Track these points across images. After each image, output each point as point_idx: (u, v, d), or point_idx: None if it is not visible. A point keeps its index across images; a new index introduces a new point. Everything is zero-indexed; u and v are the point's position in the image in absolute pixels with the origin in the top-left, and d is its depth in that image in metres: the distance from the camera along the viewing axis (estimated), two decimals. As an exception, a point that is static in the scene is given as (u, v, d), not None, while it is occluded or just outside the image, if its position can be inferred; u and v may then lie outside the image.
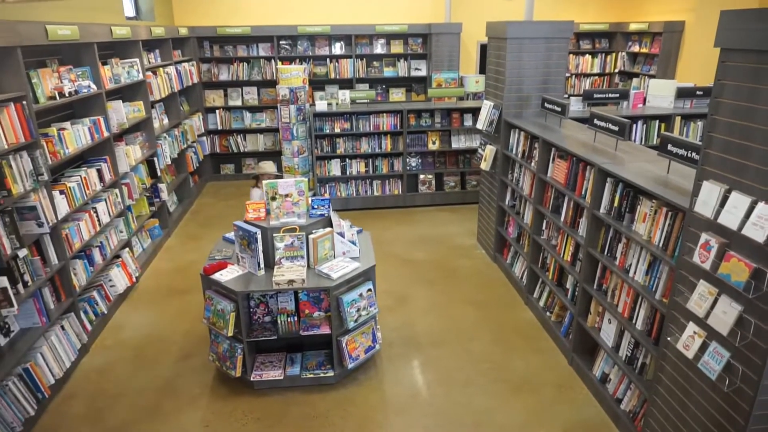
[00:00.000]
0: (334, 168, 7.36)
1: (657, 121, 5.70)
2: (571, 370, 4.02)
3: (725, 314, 2.33)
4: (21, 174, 3.54)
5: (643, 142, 5.68)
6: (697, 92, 5.89)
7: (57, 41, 4.10)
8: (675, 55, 8.53)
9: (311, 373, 3.84)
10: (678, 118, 5.72)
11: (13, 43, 3.49)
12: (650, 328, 3.14)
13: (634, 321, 3.29)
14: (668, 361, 2.82)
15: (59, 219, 3.96)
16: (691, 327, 2.56)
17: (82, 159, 4.87)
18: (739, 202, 2.22)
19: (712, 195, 2.36)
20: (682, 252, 2.66)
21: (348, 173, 7.41)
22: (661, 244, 2.99)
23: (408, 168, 7.44)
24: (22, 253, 3.52)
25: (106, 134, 4.91)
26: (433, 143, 7.39)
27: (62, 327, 3.98)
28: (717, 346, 2.40)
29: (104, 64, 5.13)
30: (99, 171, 4.77)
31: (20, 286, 3.49)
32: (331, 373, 3.83)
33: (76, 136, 4.44)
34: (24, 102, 3.59)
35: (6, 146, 3.38)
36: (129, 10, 7.37)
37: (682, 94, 5.89)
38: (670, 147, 3.25)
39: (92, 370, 4.09)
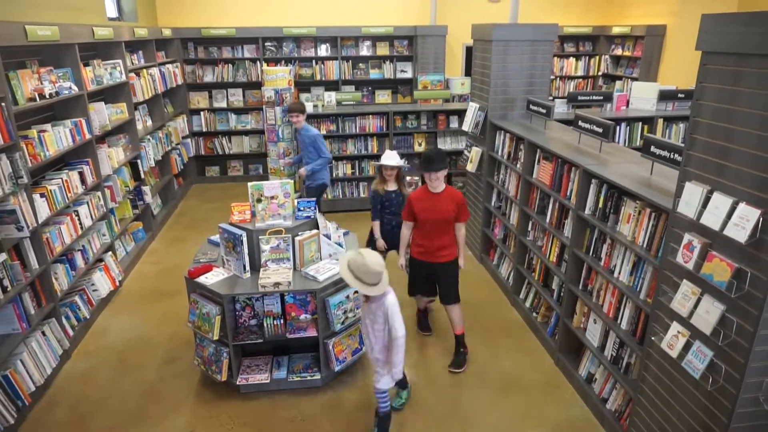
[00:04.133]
0: (321, 170, 7.32)
1: (640, 123, 5.77)
2: (557, 370, 4.04)
3: (708, 314, 2.36)
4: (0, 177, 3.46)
5: (626, 144, 5.75)
6: (679, 95, 5.99)
7: (37, 42, 4.02)
8: (657, 58, 8.65)
9: (298, 376, 3.81)
10: (660, 120, 5.80)
11: (-9, 44, 3.43)
12: (635, 328, 3.17)
13: (619, 321, 3.32)
14: (653, 360, 2.85)
15: (40, 223, 3.89)
16: (675, 326, 2.59)
17: (63, 161, 4.79)
18: (720, 202, 2.25)
19: (694, 196, 2.39)
20: (666, 252, 2.69)
21: (334, 175, 7.38)
22: (645, 245, 3.02)
23: (394, 170, 7.43)
24: (1, 257, 3.45)
25: (88, 136, 4.84)
26: (419, 145, 7.40)
27: (43, 333, 3.90)
28: (700, 346, 2.43)
29: (86, 65, 5.06)
30: (81, 173, 4.70)
31: (-1, 291, 3.42)
32: (318, 376, 3.81)
33: (57, 138, 4.37)
34: (3, 104, 3.51)
35: (-16, 148, 3.31)
36: (111, 11, 7.28)
37: (664, 96, 5.97)
38: (653, 149, 3.28)
39: (75, 376, 4.02)
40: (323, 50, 8.85)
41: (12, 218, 3.57)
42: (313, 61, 8.83)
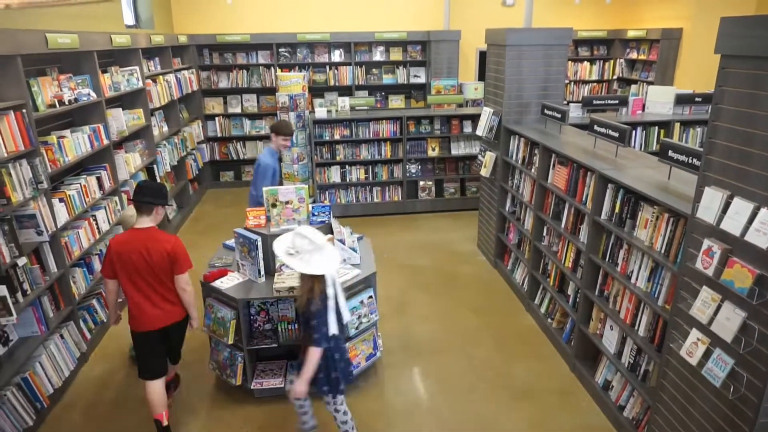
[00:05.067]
0: (334, 175, 7.35)
1: (656, 128, 5.72)
2: (573, 376, 4.00)
3: (729, 321, 2.32)
4: (20, 182, 3.52)
5: (642, 149, 5.70)
6: (696, 99, 5.91)
7: (57, 49, 4.10)
8: (673, 62, 8.56)
9: (312, 381, 3.81)
10: (677, 125, 5.73)
11: (13, 51, 3.50)
12: (653, 335, 3.13)
13: (636, 327, 3.28)
14: (671, 368, 2.81)
15: (58, 227, 3.95)
16: (695, 334, 2.55)
17: (81, 167, 4.86)
18: (741, 208, 2.22)
19: (714, 201, 2.36)
20: (685, 258, 2.65)
21: (348, 180, 7.41)
22: (663, 251, 2.98)
23: (408, 174, 7.44)
24: (22, 261, 3.51)
25: (105, 142, 4.91)
26: (433, 150, 7.39)
27: (61, 336, 3.96)
28: (721, 353, 2.39)
29: (104, 72, 5.14)
30: (99, 179, 4.76)
31: (19, 294, 3.47)
32: (332, 381, 3.80)
33: (76, 143, 4.44)
34: (24, 110, 3.59)
35: (6, 154, 3.37)
36: (129, 18, 7.39)
37: (681, 100, 5.90)
38: (670, 153, 3.25)
39: (92, 379, 4.06)
40: (337, 56, 8.89)
41: (32, 222, 3.63)
42: (327, 67, 8.87)
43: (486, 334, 4.56)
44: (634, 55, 9.29)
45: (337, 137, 7.19)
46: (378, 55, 8.97)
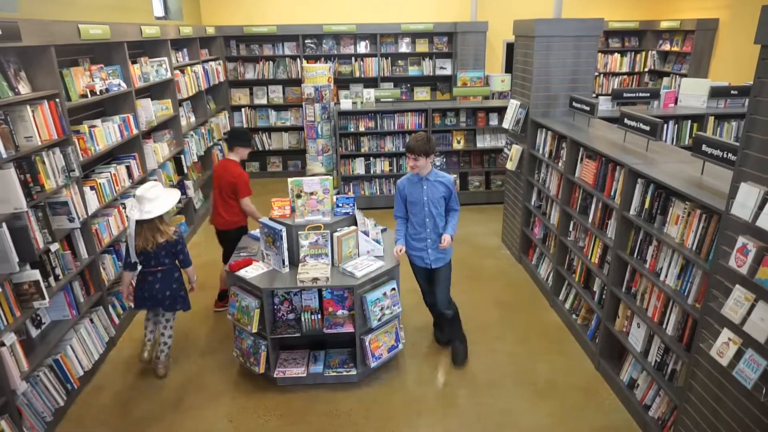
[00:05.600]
0: (359, 166, 7.36)
1: (689, 122, 5.56)
2: (597, 374, 3.94)
3: (763, 321, 2.25)
4: (53, 170, 3.62)
5: (674, 143, 5.55)
6: (732, 91, 5.73)
7: (89, 40, 4.18)
8: (708, 54, 8.31)
9: (334, 371, 3.84)
10: (711, 118, 5.57)
11: (47, 42, 3.57)
12: (681, 334, 3.06)
13: (664, 326, 3.21)
14: (700, 367, 2.74)
15: (89, 214, 4.04)
16: (726, 333, 2.48)
17: (111, 156, 4.96)
18: (779, 204, 2.14)
19: (750, 197, 2.28)
20: (717, 256, 2.58)
21: (372, 172, 7.41)
22: (694, 248, 2.90)
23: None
24: (54, 247, 3.60)
25: (135, 131, 5.00)
26: (458, 142, 7.34)
27: (91, 320, 4.06)
28: (753, 354, 2.32)
29: (134, 62, 5.22)
30: (128, 167, 4.86)
31: (51, 279, 3.57)
32: (353, 372, 3.83)
33: (107, 133, 4.53)
34: (57, 100, 3.67)
35: (40, 143, 3.46)
36: (158, 10, 7.49)
37: (716, 93, 5.73)
38: (704, 147, 3.15)
39: (119, 363, 4.16)
40: (362, 47, 8.87)
41: (64, 209, 3.73)
42: (353, 58, 8.86)
43: (509, 329, 4.52)
44: (666, 47, 9.04)
45: (362, 129, 7.19)
46: (404, 47, 8.92)
